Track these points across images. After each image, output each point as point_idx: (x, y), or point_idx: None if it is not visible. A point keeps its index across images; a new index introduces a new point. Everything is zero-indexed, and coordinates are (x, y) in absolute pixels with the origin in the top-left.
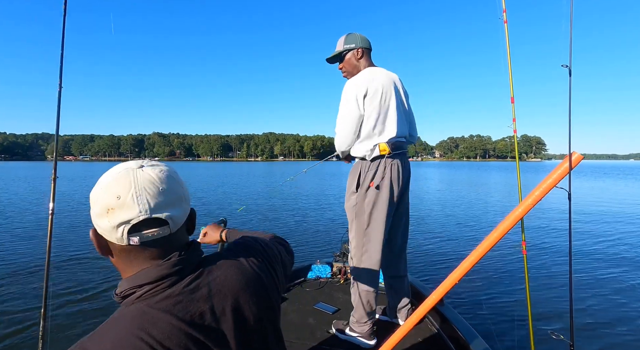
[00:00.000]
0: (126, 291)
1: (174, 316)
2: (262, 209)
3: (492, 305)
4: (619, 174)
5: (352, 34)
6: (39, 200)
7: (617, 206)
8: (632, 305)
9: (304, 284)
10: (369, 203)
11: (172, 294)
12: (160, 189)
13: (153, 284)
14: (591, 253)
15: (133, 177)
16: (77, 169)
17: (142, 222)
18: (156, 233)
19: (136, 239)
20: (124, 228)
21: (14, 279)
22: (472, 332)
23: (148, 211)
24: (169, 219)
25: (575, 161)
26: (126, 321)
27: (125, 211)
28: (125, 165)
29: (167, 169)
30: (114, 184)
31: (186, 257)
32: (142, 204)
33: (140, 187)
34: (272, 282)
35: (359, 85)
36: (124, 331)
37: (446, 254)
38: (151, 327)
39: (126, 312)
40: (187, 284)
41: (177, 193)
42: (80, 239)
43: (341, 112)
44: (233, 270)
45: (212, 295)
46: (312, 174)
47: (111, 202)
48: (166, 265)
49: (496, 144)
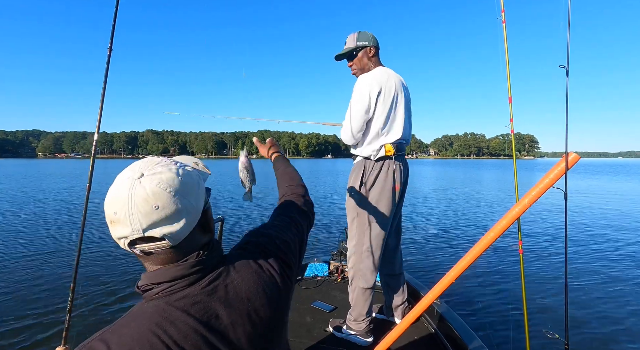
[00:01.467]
0: (145, 286)
1: (191, 316)
2: (259, 208)
3: (488, 304)
4: (610, 172)
5: (364, 31)
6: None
7: (613, 204)
8: (627, 304)
9: (301, 283)
10: (370, 202)
11: (190, 293)
12: (153, 207)
13: (170, 283)
14: (587, 252)
15: (129, 193)
16: (70, 167)
17: (137, 239)
18: (154, 247)
19: (137, 251)
20: (124, 241)
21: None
22: (468, 331)
23: (140, 231)
24: (165, 236)
25: (571, 162)
26: (145, 317)
27: (121, 228)
28: (129, 174)
29: (168, 182)
30: (113, 198)
31: (204, 259)
32: (134, 223)
33: (133, 205)
34: (287, 284)
35: (373, 84)
36: (142, 327)
37: (443, 253)
38: (169, 326)
39: (145, 308)
40: (205, 285)
41: (174, 208)
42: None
43: (355, 106)
44: (250, 274)
45: (229, 299)
46: (311, 174)
47: (110, 215)
48: (183, 266)
49: (490, 142)
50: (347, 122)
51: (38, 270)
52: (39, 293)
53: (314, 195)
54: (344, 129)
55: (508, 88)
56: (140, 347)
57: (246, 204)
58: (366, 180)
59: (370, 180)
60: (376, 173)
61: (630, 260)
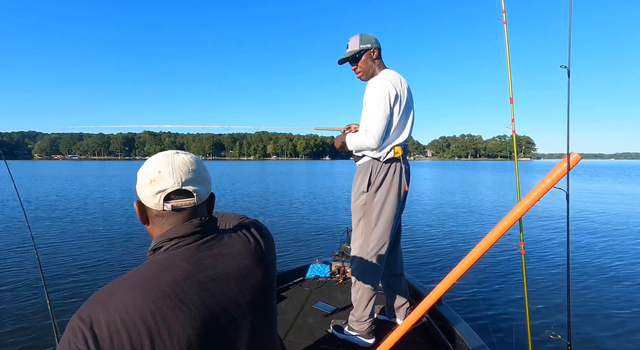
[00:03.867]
0: (157, 245)
1: (189, 264)
2: (259, 209)
3: (490, 305)
4: (610, 173)
5: (366, 34)
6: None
7: (614, 204)
8: (630, 305)
9: (302, 284)
10: (377, 203)
11: (190, 248)
12: (190, 169)
13: (178, 239)
14: (589, 253)
15: (171, 159)
16: (68, 169)
17: (174, 191)
18: (184, 203)
19: (169, 205)
20: (161, 195)
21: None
22: (470, 331)
23: (180, 183)
24: (195, 192)
25: (573, 162)
26: (150, 265)
27: (164, 182)
28: (164, 153)
29: (196, 157)
30: (157, 163)
31: (205, 222)
32: (176, 177)
33: (176, 165)
34: (271, 259)
35: (390, 88)
36: (146, 272)
37: (445, 254)
38: (168, 270)
39: (152, 259)
40: (202, 243)
41: (202, 175)
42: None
43: (377, 111)
44: (240, 241)
45: (222, 254)
46: (309, 174)
47: (154, 175)
48: (190, 225)
49: (487, 143)
50: (370, 127)
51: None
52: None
53: (315, 196)
54: (368, 135)
55: (509, 88)
56: (145, 284)
57: (246, 207)
58: (373, 182)
59: (378, 181)
60: (383, 174)
61: (633, 260)
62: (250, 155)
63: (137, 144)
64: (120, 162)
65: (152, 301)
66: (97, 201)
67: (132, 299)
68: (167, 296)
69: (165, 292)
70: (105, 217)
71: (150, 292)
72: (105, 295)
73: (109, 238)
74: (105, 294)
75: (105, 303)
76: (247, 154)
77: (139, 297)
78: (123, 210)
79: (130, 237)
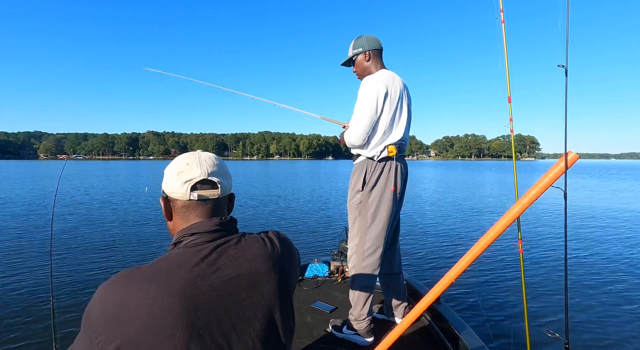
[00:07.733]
0: (179, 238)
1: (204, 263)
2: (258, 209)
3: (489, 304)
4: (612, 174)
5: (360, 37)
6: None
7: (612, 204)
8: (627, 303)
9: (301, 283)
10: (373, 202)
11: (208, 246)
12: (215, 163)
13: (198, 235)
14: (587, 251)
15: (197, 154)
16: (76, 168)
17: (200, 181)
18: (210, 193)
19: (195, 194)
20: (188, 185)
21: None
22: (468, 330)
23: (206, 173)
24: (220, 184)
25: (571, 160)
26: (164, 260)
27: (191, 172)
28: (188, 153)
29: (218, 157)
30: (184, 158)
31: (225, 222)
32: (203, 168)
33: (202, 159)
34: (287, 284)
35: (380, 85)
36: (164, 263)
37: (443, 253)
38: (181, 268)
39: (169, 253)
40: (220, 243)
41: (225, 170)
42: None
43: (363, 109)
44: (257, 247)
45: (237, 256)
46: (308, 174)
47: (182, 167)
48: (211, 223)
49: (490, 143)
50: (354, 124)
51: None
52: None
53: (315, 196)
54: (352, 131)
55: (507, 88)
56: (156, 278)
57: (244, 207)
58: (368, 181)
59: (373, 180)
60: (378, 173)
61: (631, 259)
62: (253, 155)
63: (141, 143)
64: (124, 162)
65: (161, 297)
66: (122, 201)
67: (142, 291)
68: (175, 293)
69: (175, 289)
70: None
71: (159, 288)
72: (123, 279)
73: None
74: (123, 278)
75: (120, 287)
76: (250, 153)
77: (150, 291)
78: (141, 213)
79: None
